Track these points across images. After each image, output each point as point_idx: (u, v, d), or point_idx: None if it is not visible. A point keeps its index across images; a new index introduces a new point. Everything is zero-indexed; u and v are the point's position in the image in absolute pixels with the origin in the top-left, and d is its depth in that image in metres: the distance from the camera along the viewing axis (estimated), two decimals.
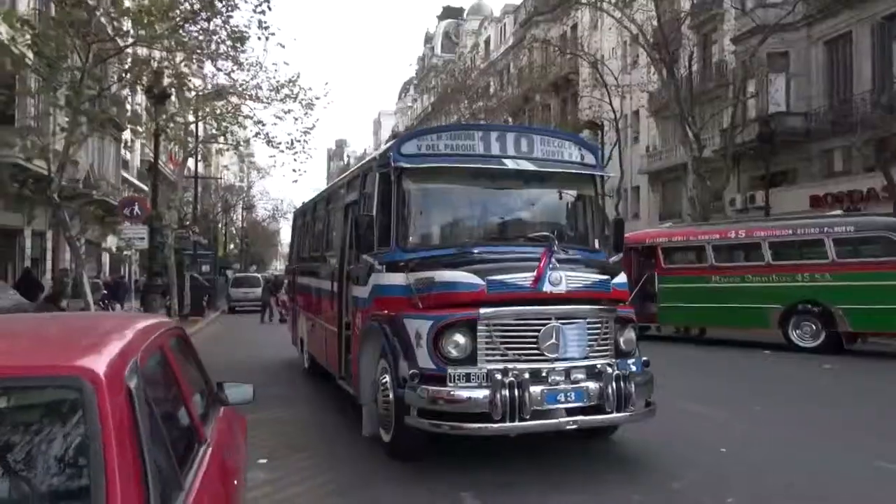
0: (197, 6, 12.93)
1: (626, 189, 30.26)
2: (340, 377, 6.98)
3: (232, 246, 60.13)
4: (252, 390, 3.17)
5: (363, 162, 6.80)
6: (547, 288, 4.85)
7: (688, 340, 14.95)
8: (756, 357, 12.20)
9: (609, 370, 4.95)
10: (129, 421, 1.63)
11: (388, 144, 6.04)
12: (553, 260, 4.90)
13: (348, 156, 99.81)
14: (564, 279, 4.92)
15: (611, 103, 26.07)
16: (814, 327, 12.39)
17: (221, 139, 22.23)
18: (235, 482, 2.69)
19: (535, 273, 4.87)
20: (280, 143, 19.15)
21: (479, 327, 4.84)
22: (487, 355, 4.84)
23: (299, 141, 18.96)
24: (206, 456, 2.34)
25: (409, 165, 5.49)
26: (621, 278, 5.51)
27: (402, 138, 5.76)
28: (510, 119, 30.21)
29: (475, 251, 5.34)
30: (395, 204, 5.54)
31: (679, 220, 23.81)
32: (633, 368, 5.13)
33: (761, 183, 21.42)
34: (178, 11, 12.65)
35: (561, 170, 5.89)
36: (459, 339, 4.81)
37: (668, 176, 28.89)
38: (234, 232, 54.62)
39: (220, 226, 37.52)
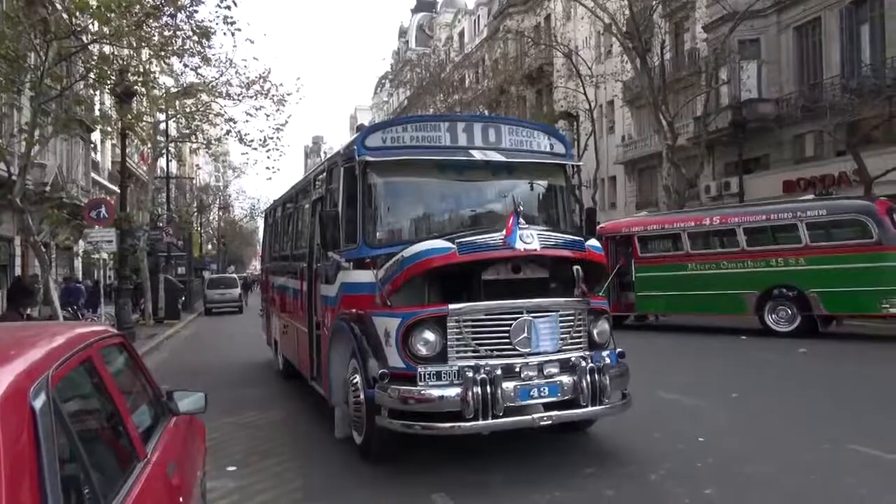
0: (160, 1, 12.58)
1: (602, 179, 30.35)
2: (312, 378, 6.86)
3: (210, 246, 59.44)
4: (204, 398, 3.00)
5: (328, 157, 6.65)
6: (519, 245, 4.73)
7: (665, 329, 14.99)
8: (733, 343, 12.25)
9: (583, 363, 4.85)
10: (30, 446, 1.46)
11: (353, 137, 5.88)
12: (521, 220, 4.80)
13: (325, 153, 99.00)
14: (536, 237, 4.82)
15: (585, 94, 26.08)
16: (789, 311, 12.47)
17: (192, 138, 21.82)
18: (182, 499, 2.52)
19: (504, 232, 4.75)
20: (252, 141, 18.89)
21: (450, 323, 4.72)
22: (458, 352, 4.73)
23: (272, 138, 18.73)
24: (144, 474, 2.17)
25: (373, 159, 5.35)
26: (595, 242, 5.44)
27: (366, 131, 5.59)
28: (486, 111, 30.08)
29: None
30: (360, 199, 5.41)
31: (655, 209, 23.92)
32: (608, 360, 5.03)
33: (735, 169, 21.57)
34: (139, 7, 12.28)
35: (530, 160, 5.80)
36: (429, 336, 4.69)
37: (644, 165, 29.01)
38: (211, 232, 53.91)
39: (195, 226, 36.92)
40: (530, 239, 4.76)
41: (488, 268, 4.97)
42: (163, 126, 23.35)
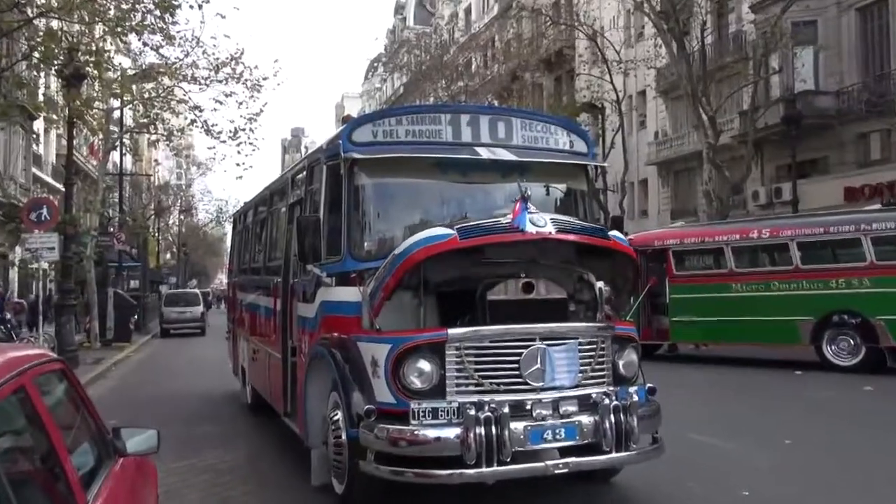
0: None
1: (631, 182, 30.42)
2: (286, 414, 6.85)
3: (168, 256, 59.58)
4: (157, 437, 3.01)
5: (309, 153, 6.71)
6: (530, 228, 4.71)
7: (705, 361, 14.96)
8: (785, 378, 12.20)
9: (606, 400, 4.83)
10: None
11: (338, 131, 5.92)
12: (530, 205, 4.80)
13: (306, 147, 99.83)
14: (550, 221, 4.84)
15: (612, 82, 26.22)
16: (852, 342, 12.42)
17: (151, 128, 21.93)
18: None
19: (510, 215, 4.78)
20: (221, 133, 18.98)
21: (448, 351, 4.71)
22: (459, 385, 4.72)
23: (244, 129, 18.83)
24: None
25: (361, 156, 5.38)
26: (620, 234, 5.47)
27: (353, 123, 5.65)
28: (496, 102, 30.23)
29: None
30: (345, 203, 5.44)
31: (694, 219, 23.94)
32: (636, 397, 5.02)
33: (788, 173, 21.61)
34: None
35: (546, 159, 5.84)
36: (424, 366, 4.69)
37: (681, 166, 29.08)
38: (171, 239, 54.09)
39: (151, 232, 37.04)
40: (543, 222, 4.76)
41: (495, 285, 4.97)
42: (117, 114, 23.46)
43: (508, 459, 4.52)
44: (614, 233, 5.36)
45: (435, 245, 4.76)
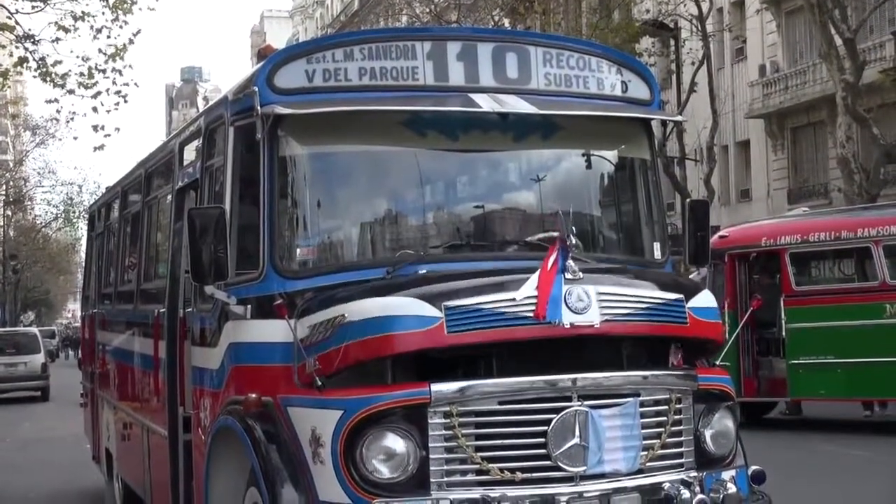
0: None
1: (724, 146, 30.56)
2: None
3: None
4: None
5: (207, 107, 6.76)
6: (566, 318, 4.75)
7: (847, 429, 14.99)
8: None
9: (686, 493, 4.89)
10: None
11: (253, 71, 5.95)
12: (570, 263, 4.82)
13: (205, 98, 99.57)
14: (596, 300, 4.85)
15: None
16: None
17: None
18: None
19: (533, 289, 4.79)
20: (66, 77, 18.94)
21: (433, 420, 4.74)
22: (450, 475, 4.76)
23: (103, 71, 18.80)
24: None
25: (289, 111, 5.40)
26: (705, 300, 5.48)
27: (276, 59, 5.67)
28: (506, 23, 30.34)
29: (423, 270, 5.30)
30: (265, 186, 5.46)
31: (824, 202, 24.08)
32: (733, 487, 5.08)
33: None
34: None
35: (585, 111, 5.91)
36: (395, 443, 4.71)
37: (802, 120, 29.20)
38: None
39: None
40: (585, 304, 4.79)
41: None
42: None
43: None
44: (696, 302, 5.34)
45: (405, 336, 4.82)
